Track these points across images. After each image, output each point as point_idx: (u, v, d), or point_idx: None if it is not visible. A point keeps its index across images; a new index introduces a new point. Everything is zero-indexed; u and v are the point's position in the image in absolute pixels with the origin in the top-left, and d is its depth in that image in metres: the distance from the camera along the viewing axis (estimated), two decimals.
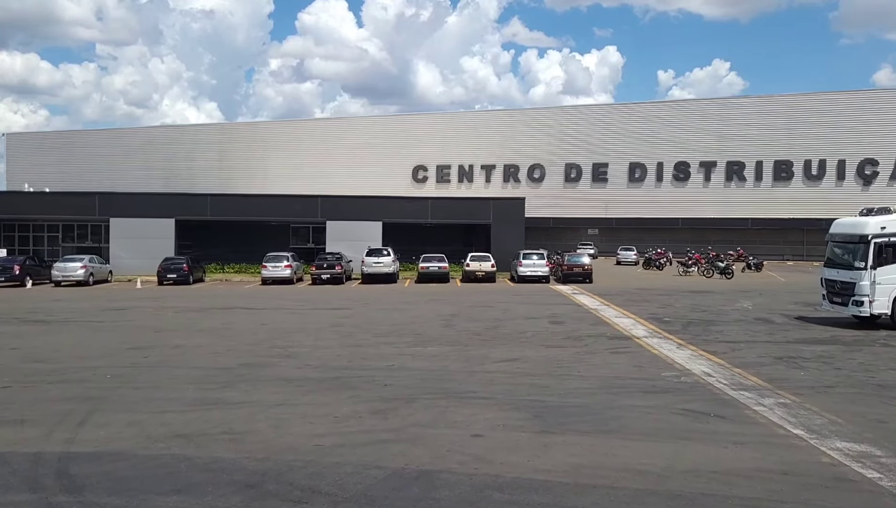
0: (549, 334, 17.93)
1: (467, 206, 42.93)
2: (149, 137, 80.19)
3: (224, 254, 40.90)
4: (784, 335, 17.83)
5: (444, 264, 35.31)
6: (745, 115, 65.53)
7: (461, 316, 21.49)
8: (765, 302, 25.62)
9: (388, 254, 35.05)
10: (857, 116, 62.36)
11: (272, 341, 16.74)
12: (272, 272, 34.23)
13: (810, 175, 63.95)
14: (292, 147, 74.94)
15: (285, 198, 43.19)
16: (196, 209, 39.95)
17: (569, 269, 35.31)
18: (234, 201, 42.49)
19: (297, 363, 14.07)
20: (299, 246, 41.87)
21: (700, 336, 17.49)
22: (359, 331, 18.31)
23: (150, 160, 76.95)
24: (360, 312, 22.62)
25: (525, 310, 23.07)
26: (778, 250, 61.14)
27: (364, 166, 70.76)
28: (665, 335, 17.57)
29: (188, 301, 26.43)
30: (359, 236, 38.27)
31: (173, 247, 38.30)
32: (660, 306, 24.05)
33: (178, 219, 38.96)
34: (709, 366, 13.67)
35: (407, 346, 16.03)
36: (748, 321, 20.51)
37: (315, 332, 18.14)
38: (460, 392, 11.45)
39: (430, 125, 74.48)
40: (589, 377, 12.70)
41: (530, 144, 70.24)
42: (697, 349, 15.52)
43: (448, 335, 17.52)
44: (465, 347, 15.89)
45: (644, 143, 67.48)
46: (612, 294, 28.34)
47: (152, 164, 76.64)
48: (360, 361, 14.20)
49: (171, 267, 34.29)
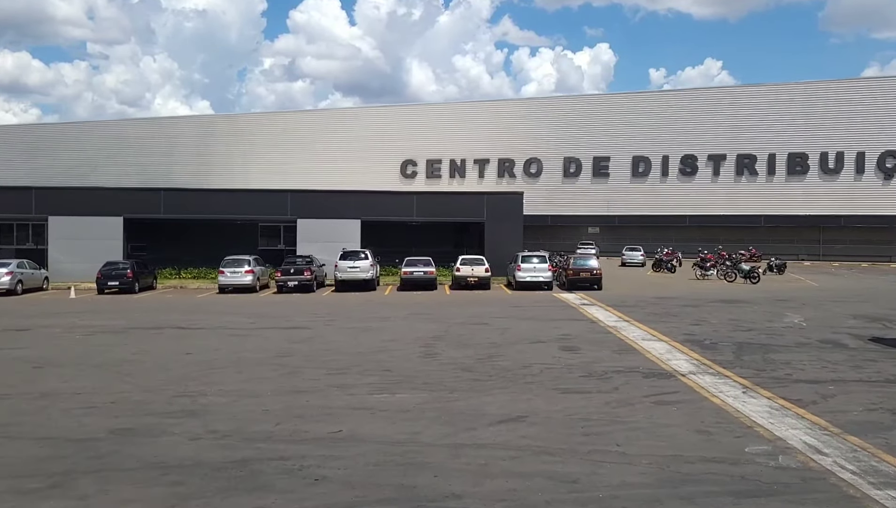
0: (563, 368, 13.43)
1: (458, 202, 38.29)
2: (121, 131, 75.27)
3: (183, 257, 36.20)
4: (875, 367, 13.39)
5: (431, 269, 30.80)
6: (757, 104, 61.10)
7: (447, 339, 16.98)
8: (817, 316, 21.15)
9: (365, 257, 30.46)
10: (877, 105, 58.06)
11: (184, 383, 12.21)
12: (231, 279, 29.64)
13: (827, 168, 59.58)
14: (274, 141, 70.15)
15: (250, 193, 38.54)
16: (147, 206, 35.19)
17: (575, 274, 30.74)
18: (191, 196, 37.72)
19: (200, 426, 9.54)
20: (269, 247, 37.17)
21: (765, 372, 13.02)
22: (309, 366, 13.77)
23: (123, 155, 72.08)
24: (320, 333, 18.07)
25: (528, 329, 18.58)
26: (793, 250, 56.74)
27: (350, 161, 66.09)
28: (718, 370, 13.10)
29: (115, 317, 21.80)
30: (334, 236, 33.65)
31: (122, 249, 33.60)
32: (692, 323, 19.57)
33: (126, 217, 34.21)
34: (807, 431, 9.20)
35: (368, 392, 11.51)
36: (813, 344, 16.05)
37: (250, 368, 13.58)
38: (434, 499, 6.95)
39: (419, 117, 69.79)
40: (636, 457, 8.21)
41: (526, 136, 65.66)
42: (774, 397, 11.05)
43: (427, 372, 13.01)
44: (449, 393, 11.40)
45: (648, 135, 62.98)
46: (630, 306, 23.85)
47: (126, 159, 71.78)
48: (293, 423, 9.68)
49: (113, 273, 29.58)
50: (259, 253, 34.91)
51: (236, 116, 79.49)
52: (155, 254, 36.07)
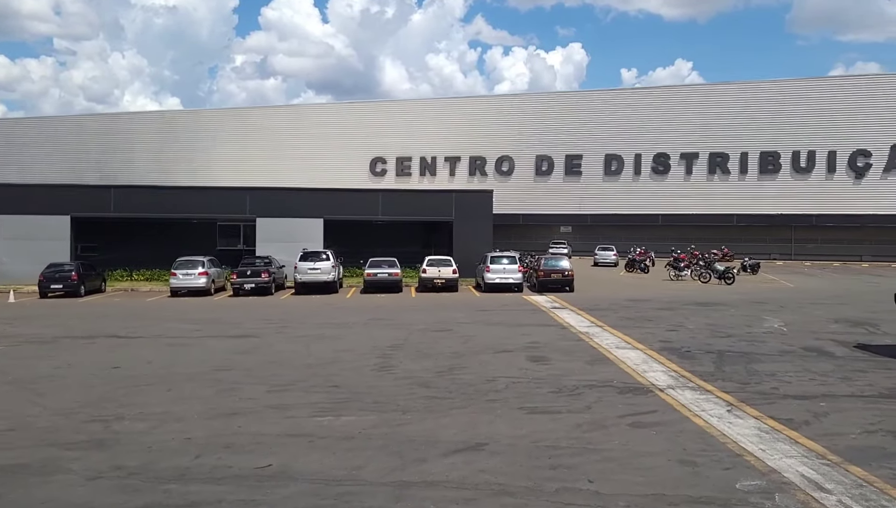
0: (531, 382, 12.22)
1: (425, 200, 36.91)
2: (79, 126, 72.76)
3: (137, 258, 34.37)
4: (867, 379, 12.37)
5: (396, 270, 29.45)
6: (729, 102, 60.65)
7: (407, 348, 15.70)
8: (797, 320, 20.21)
9: (327, 258, 28.99)
10: (847, 104, 57.87)
11: (102, 404, 10.79)
12: (183, 282, 28.02)
13: (799, 167, 59.31)
14: (240, 138, 68.27)
15: (207, 191, 36.86)
16: (97, 205, 33.30)
17: (546, 275, 29.59)
18: (144, 194, 35.89)
19: (105, 461, 8.16)
20: (228, 248, 35.46)
21: (749, 385, 11.93)
22: (249, 381, 12.40)
23: (82, 151, 69.68)
24: (269, 342, 16.66)
25: (494, 336, 17.35)
26: (765, 249, 56.37)
27: (318, 158, 64.47)
28: (699, 384, 11.98)
29: (50, 325, 20.18)
30: (296, 235, 32.13)
31: (69, 250, 31.77)
32: (669, 328, 18.49)
33: (74, 216, 32.35)
34: (803, 459, 8.09)
35: (310, 414, 10.19)
36: (797, 352, 15.03)
37: (181, 384, 12.17)
38: None
39: (389, 114, 68.36)
40: (611, 498, 7.02)
41: (498, 134, 64.55)
42: (762, 416, 9.94)
43: (380, 389, 11.72)
44: (401, 414, 10.12)
45: (621, 132, 62.22)
46: (603, 309, 22.75)
47: (84, 155, 69.38)
48: (216, 455, 8.33)
49: (57, 276, 27.81)
50: (217, 254, 33.31)
51: (199, 112, 77.33)
52: (107, 254, 34.22)
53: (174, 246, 32.61)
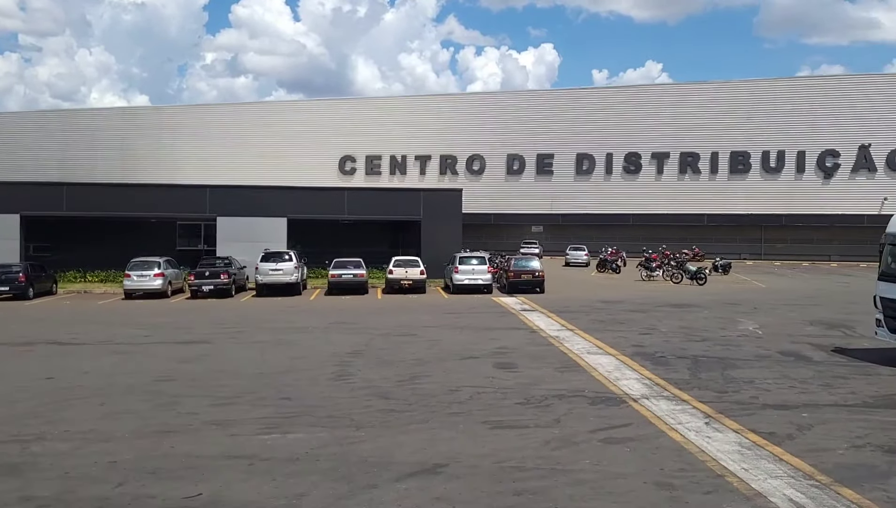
0: (497, 392, 11.44)
1: (393, 199, 35.96)
2: (41, 123, 70.51)
3: (93, 258, 32.97)
4: (848, 387, 11.79)
5: (361, 271, 28.53)
6: (700, 102, 60.56)
7: (368, 354, 14.84)
8: (772, 323, 19.70)
9: (289, 258, 27.96)
10: (816, 105, 58.10)
11: (26, 420, 9.80)
12: (138, 283, 26.82)
13: (769, 167, 59.40)
14: (204, 135, 66.61)
15: (166, 189, 35.51)
16: (48, 203, 31.84)
17: (516, 276, 28.87)
18: (100, 192, 34.48)
19: (15, 490, 7.21)
20: (188, 248, 34.20)
21: (727, 394, 11.29)
22: (191, 393, 11.45)
23: (44, 148, 67.45)
24: (221, 348, 15.68)
25: (461, 341, 16.55)
26: (735, 248, 56.31)
27: (286, 157, 63.05)
28: (674, 393, 11.30)
29: None
30: (258, 235, 31.03)
31: (19, 250, 30.34)
32: (642, 332, 17.86)
33: (25, 215, 30.92)
34: (790, 480, 7.42)
35: (255, 431, 9.29)
36: (774, 357, 14.46)
37: (117, 397, 11.19)
38: None
39: (358, 112, 67.16)
40: None
41: (469, 133, 63.73)
42: (742, 430, 9.27)
43: (335, 401, 10.85)
44: (355, 430, 9.27)
45: (592, 132, 61.77)
46: (574, 311, 22.09)
47: (45, 153, 67.18)
48: (141, 482, 7.42)
49: (3, 277, 26.36)
50: (177, 254, 32.11)
51: (163, 108, 75.40)
52: (61, 255, 32.80)
53: (132, 246, 31.29)
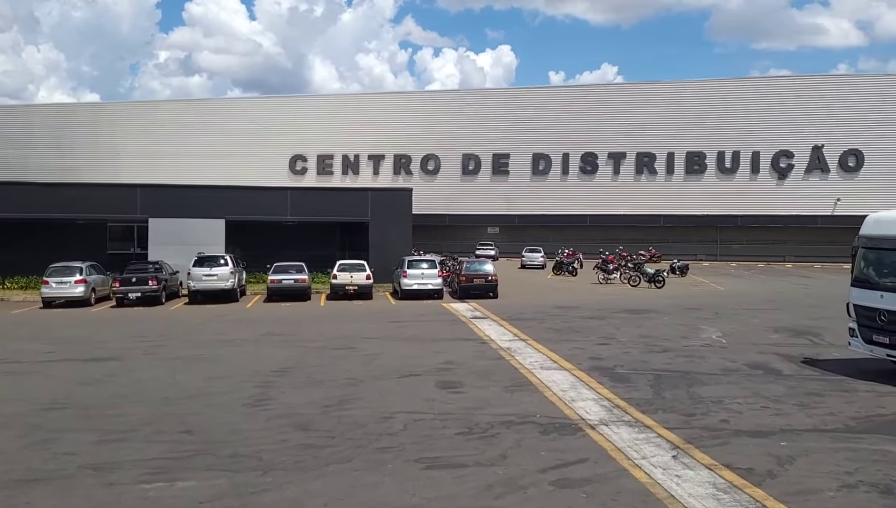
0: (436, 419, 9.97)
1: (339, 199, 34.21)
2: None
3: (16, 263, 30.56)
4: (825, 407, 10.65)
5: (303, 276, 26.85)
6: (656, 102, 60.08)
7: (296, 372, 13.26)
8: (735, 330, 18.64)
9: (224, 263, 26.10)
10: (770, 105, 58.09)
11: None
12: (57, 291, 24.71)
13: (724, 168, 59.24)
14: (146, 133, 63.83)
15: (93, 188, 33.05)
16: None
17: (468, 280, 27.47)
18: (21, 191, 31.91)
19: None
20: (120, 251, 31.93)
21: (695, 417, 10.04)
22: (79, 425, 9.74)
23: None
24: (130, 367, 13.89)
25: (403, 355, 15.05)
26: (691, 249, 55.91)
27: (234, 156, 60.67)
28: (637, 417, 10.00)
29: None
30: (194, 238, 29.06)
31: None
32: (599, 341, 16.60)
33: None
34: None
35: (138, 477, 7.67)
36: (742, 371, 13.32)
37: None
38: None
39: (310, 110, 65.12)
40: None
41: (424, 131, 62.23)
42: (716, 465, 7.99)
43: (245, 435, 9.26)
44: (260, 475, 7.72)
45: (548, 131, 60.86)
46: (528, 319, 20.77)
47: None
48: None
49: None
50: (108, 258, 29.97)
51: (102, 105, 72.33)
52: None
53: (60, 250, 28.94)
